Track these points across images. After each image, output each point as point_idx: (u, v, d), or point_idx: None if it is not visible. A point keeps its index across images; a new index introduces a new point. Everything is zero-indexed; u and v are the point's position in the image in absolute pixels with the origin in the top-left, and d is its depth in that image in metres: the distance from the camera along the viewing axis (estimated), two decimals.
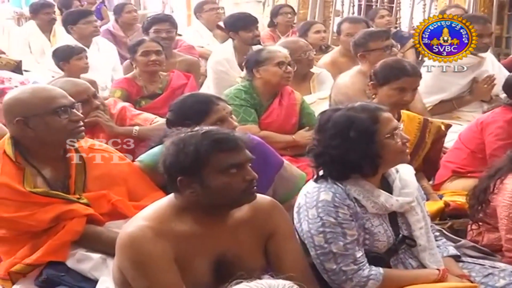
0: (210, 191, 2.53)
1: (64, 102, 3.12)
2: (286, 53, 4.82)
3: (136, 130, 4.37)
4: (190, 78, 5.53)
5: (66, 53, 5.69)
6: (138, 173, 3.35)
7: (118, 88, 5.31)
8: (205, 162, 2.51)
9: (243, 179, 2.55)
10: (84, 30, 6.84)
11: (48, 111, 3.07)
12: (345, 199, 2.81)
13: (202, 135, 2.56)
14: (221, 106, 3.51)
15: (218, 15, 8.11)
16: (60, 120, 3.08)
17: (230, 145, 2.54)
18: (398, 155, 2.88)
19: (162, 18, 6.65)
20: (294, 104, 4.84)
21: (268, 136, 4.56)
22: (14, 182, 3.03)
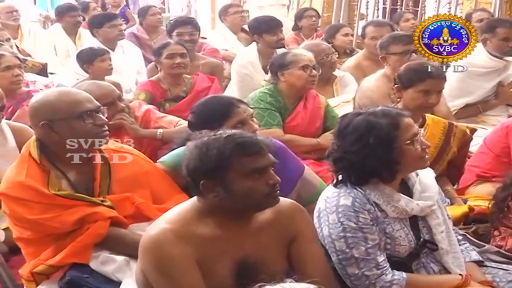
0: (233, 195, 2.53)
1: (89, 106, 3.13)
2: (311, 56, 4.82)
3: (160, 133, 4.39)
4: (214, 81, 5.54)
5: (89, 55, 5.74)
6: (162, 176, 3.36)
7: (143, 90, 5.33)
8: (228, 166, 2.52)
9: (266, 183, 2.55)
10: (109, 33, 6.89)
11: (73, 115, 3.08)
12: (365, 203, 2.81)
13: (225, 138, 2.56)
14: (241, 109, 3.51)
15: (243, 18, 8.13)
16: (85, 125, 3.09)
17: (253, 149, 2.54)
18: (417, 161, 2.87)
19: (184, 21, 6.69)
20: (318, 108, 4.84)
21: (293, 140, 4.57)
22: (39, 184, 3.06)
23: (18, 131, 4.09)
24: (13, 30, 8.26)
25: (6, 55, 5.07)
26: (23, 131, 4.09)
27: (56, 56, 8.08)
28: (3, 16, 8.54)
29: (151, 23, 8.09)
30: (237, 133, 2.62)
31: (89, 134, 3.10)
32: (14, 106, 4.92)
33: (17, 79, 4.98)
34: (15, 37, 8.28)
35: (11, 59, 5.02)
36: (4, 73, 4.91)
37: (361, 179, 2.84)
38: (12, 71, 4.96)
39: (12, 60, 5.01)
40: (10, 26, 8.33)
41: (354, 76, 5.79)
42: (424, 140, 2.89)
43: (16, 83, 4.95)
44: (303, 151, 4.54)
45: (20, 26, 8.58)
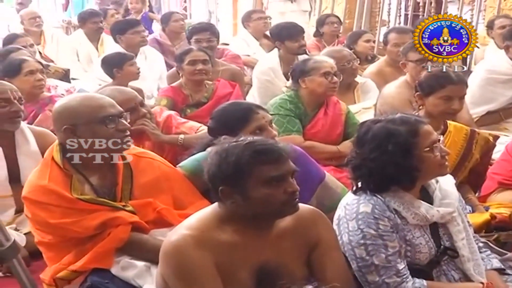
0: (251, 202, 2.54)
1: (112, 111, 3.15)
2: (332, 63, 4.82)
3: (181, 139, 4.40)
4: (235, 87, 5.54)
5: (118, 59, 5.76)
6: (184, 182, 3.37)
7: (164, 96, 5.35)
8: (246, 173, 2.52)
9: (285, 191, 2.54)
10: (132, 40, 6.93)
11: (96, 119, 3.10)
12: (385, 210, 2.80)
13: (244, 145, 2.57)
14: (260, 115, 3.52)
15: (266, 25, 8.10)
16: (107, 129, 3.10)
17: (272, 157, 2.54)
18: (437, 168, 2.86)
19: (203, 27, 6.71)
20: (339, 114, 4.83)
21: (313, 146, 4.56)
22: (61, 188, 3.08)
23: (39, 135, 4.13)
24: (36, 36, 8.31)
25: (28, 60, 5.13)
26: (44, 135, 4.14)
27: (79, 62, 8.14)
28: (27, 22, 8.60)
29: (174, 29, 8.10)
30: (257, 140, 2.62)
31: (111, 139, 3.12)
32: (37, 111, 4.97)
33: (39, 83, 5.04)
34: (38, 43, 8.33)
35: (33, 64, 5.08)
36: (26, 77, 4.97)
37: (381, 186, 2.84)
38: (35, 76, 5.02)
39: (35, 65, 5.07)
40: (33, 32, 8.38)
41: (376, 82, 5.78)
42: (443, 147, 2.89)
43: (38, 87, 5.01)
44: (323, 158, 4.53)
45: (43, 32, 8.62)
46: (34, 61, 5.15)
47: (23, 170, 4.00)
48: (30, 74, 5.01)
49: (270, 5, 10.13)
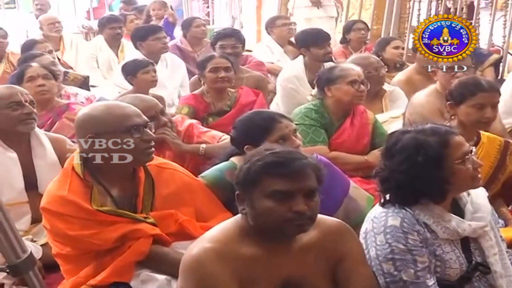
0: (254, 212, 2.54)
1: (138, 121, 3.16)
2: (359, 71, 4.80)
3: (203, 148, 4.40)
4: (259, 95, 5.54)
5: (132, 67, 5.78)
6: (206, 193, 3.38)
7: (186, 104, 5.35)
8: (255, 182, 2.53)
9: (289, 209, 2.50)
10: (153, 46, 6.93)
11: (121, 129, 3.11)
12: (414, 224, 2.79)
13: (264, 155, 2.57)
14: (283, 124, 3.52)
15: (291, 31, 8.09)
16: (134, 141, 3.11)
17: (283, 170, 2.51)
18: (469, 181, 2.84)
19: (228, 33, 6.69)
20: (366, 124, 4.81)
21: (339, 157, 4.55)
22: (81, 199, 3.09)
23: (56, 141, 4.17)
24: (55, 42, 8.37)
25: (32, 66, 5.11)
26: (61, 141, 4.19)
27: (98, 68, 8.17)
28: (46, 28, 8.64)
29: (195, 35, 8.11)
30: (278, 152, 2.59)
31: (136, 149, 3.12)
32: (53, 118, 4.98)
33: (40, 89, 4.97)
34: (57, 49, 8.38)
35: (34, 70, 5.05)
36: (28, 84, 4.93)
37: (410, 199, 2.82)
38: (35, 82, 4.98)
39: (36, 71, 5.03)
40: (52, 37, 8.43)
41: (405, 91, 5.75)
42: (476, 159, 2.86)
43: (40, 93, 4.93)
44: (349, 168, 4.50)
45: (62, 37, 8.67)
46: (38, 67, 5.10)
47: (40, 176, 4.04)
48: (31, 80, 4.99)
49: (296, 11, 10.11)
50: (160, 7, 10.19)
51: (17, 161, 4.03)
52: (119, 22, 8.54)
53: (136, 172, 3.23)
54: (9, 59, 7.51)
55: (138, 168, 3.23)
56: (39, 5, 10.08)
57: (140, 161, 3.19)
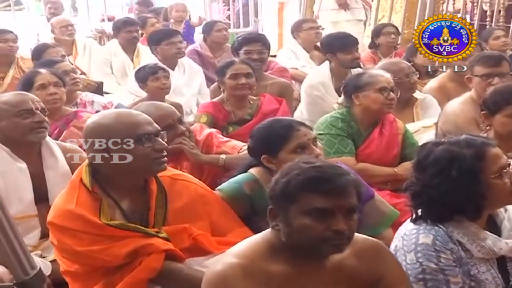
0: (289, 229, 2.51)
1: (149, 129, 3.16)
2: (389, 77, 4.77)
3: (222, 159, 4.38)
4: (282, 102, 5.52)
5: (142, 73, 5.81)
6: (223, 206, 3.38)
7: (204, 113, 5.34)
8: (293, 198, 2.50)
9: (327, 228, 2.48)
10: (167, 51, 6.92)
11: (131, 137, 3.12)
12: (447, 242, 2.76)
13: (305, 168, 2.53)
14: (302, 132, 3.50)
15: (318, 35, 8.06)
16: (143, 148, 3.12)
17: (325, 187, 2.48)
18: (506, 196, 2.81)
19: (253, 38, 6.64)
20: (396, 134, 4.78)
21: (366, 169, 4.53)
22: (90, 213, 3.09)
23: (69, 152, 4.16)
24: (67, 46, 8.39)
25: (42, 72, 5.09)
26: (74, 151, 4.17)
27: (112, 74, 8.20)
28: (58, 31, 8.66)
29: (216, 40, 8.10)
30: (323, 166, 2.56)
31: (146, 159, 3.13)
32: (61, 128, 4.95)
33: (51, 98, 4.96)
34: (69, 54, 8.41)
35: (45, 77, 5.04)
36: (38, 92, 4.90)
37: (443, 215, 2.80)
38: (46, 90, 4.97)
39: (47, 78, 5.03)
40: (65, 41, 8.46)
41: (437, 99, 5.72)
42: None
43: (51, 102, 4.92)
44: (378, 181, 4.49)
45: (75, 41, 8.70)
46: (48, 73, 5.09)
47: (51, 188, 4.04)
48: (41, 88, 4.97)
49: (321, 14, 10.12)
50: (183, 8, 10.23)
51: (26, 172, 4.04)
52: (135, 26, 8.55)
53: (147, 184, 3.23)
54: (19, 64, 7.51)
55: (149, 180, 3.23)
56: (52, 8, 10.14)
57: (151, 171, 3.20)
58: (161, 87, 5.75)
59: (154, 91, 5.71)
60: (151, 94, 5.68)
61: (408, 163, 4.50)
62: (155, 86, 5.73)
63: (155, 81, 5.74)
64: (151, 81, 5.73)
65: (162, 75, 5.79)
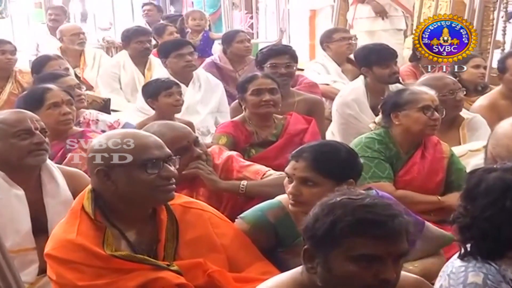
0: (330, 275, 2.49)
1: (157, 153, 3.17)
2: (433, 95, 4.75)
3: (243, 186, 4.35)
4: (311, 122, 5.50)
5: (153, 88, 5.79)
6: (241, 238, 3.38)
7: (224, 133, 5.33)
8: (337, 241, 2.47)
9: (375, 276, 2.45)
10: (175, 64, 6.87)
11: (135, 162, 3.12)
12: (500, 282, 2.73)
13: (354, 207, 2.50)
14: None
15: (350, 46, 8.02)
16: (147, 175, 3.12)
17: (376, 232, 2.45)
18: None
19: (281, 49, 6.60)
20: (440, 158, 4.77)
21: (407, 196, 4.52)
22: (92, 244, 3.10)
23: (72, 177, 4.13)
24: (75, 57, 8.44)
25: (53, 89, 5.07)
26: (78, 177, 4.14)
27: (121, 90, 8.17)
28: (67, 40, 8.70)
29: (237, 52, 8.10)
30: (369, 206, 2.51)
31: (150, 186, 3.13)
32: (65, 150, 4.94)
33: (65, 118, 4.97)
34: (76, 65, 8.45)
35: (58, 94, 5.02)
36: (50, 111, 4.92)
37: (495, 251, 2.77)
38: (60, 109, 4.96)
39: (60, 95, 5.01)
40: (73, 51, 8.51)
41: (487, 118, 5.69)
42: None
43: (64, 123, 4.95)
44: (420, 210, 4.45)
45: (83, 52, 8.75)
46: (60, 91, 5.08)
47: (51, 218, 4.01)
48: (54, 107, 4.95)
49: (356, 23, 10.10)
50: (200, 16, 10.18)
51: (24, 199, 4.04)
52: (147, 35, 8.49)
53: (157, 212, 3.23)
54: (17, 78, 7.55)
55: (159, 208, 3.23)
56: (53, 15, 10.19)
57: (156, 200, 3.20)
58: (174, 104, 5.73)
59: (165, 109, 5.70)
60: (161, 112, 5.67)
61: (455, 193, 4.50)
62: (168, 103, 5.71)
63: (168, 97, 5.72)
64: (164, 97, 5.71)
65: (175, 90, 5.78)
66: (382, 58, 6.34)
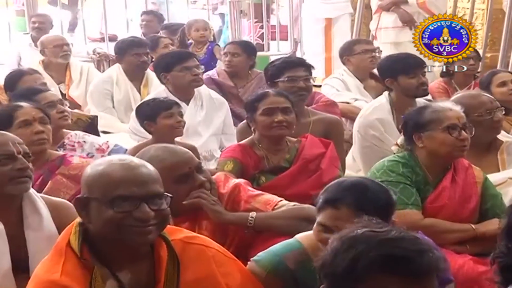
0: None
1: (132, 190, 3.10)
2: (459, 111, 4.71)
3: (252, 218, 4.34)
4: (329, 146, 5.48)
5: (151, 108, 5.80)
6: (249, 279, 3.37)
7: (230, 158, 5.33)
8: (359, 280, 2.45)
9: None
10: (180, 79, 6.83)
11: (105, 198, 3.09)
12: None
13: (378, 241, 2.50)
14: None
15: (373, 60, 8.01)
16: (113, 213, 3.08)
17: (403, 270, 2.45)
18: None
19: (298, 61, 6.62)
20: (473, 183, 4.75)
21: (437, 225, 4.54)
22: (78, 285, 3.07)
23: (57, 208, 4.11)
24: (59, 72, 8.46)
25: (23, 107, 5.08)
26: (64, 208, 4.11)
27: (114, 108, 8.18)
28: (49, 52, 8.72)
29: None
30: (396, 240, 2.51)
31: (119, 227, 3.08)
32: (44, 177, 4.93)
33: (38, 137, 4.97)
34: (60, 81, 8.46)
35: (29, 112, 5.04)
36: (20, 130, 4.90)
37: None
38: (31, 128, 4.98)
39: (31, 113, 5.03)
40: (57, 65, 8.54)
41: None
42: None
43: (37, 143, 4.93)
44: (452, 241, 4.52)
45: (69, 66, 8.77)
46: (31, 108, 5.09)
47: (33, 255, 4.00)
48: (25, 125, 4.97)
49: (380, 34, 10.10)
50: (205, 26, 10.12)
51: (3, 233, 4.03)
52: (144, 47, 8.46)
53: (155, 249, 3.22)
54: None
55: (158, 244, 3.21)
56: (36, 23, 10.22)
57: (129, 242, 3.13)
58: (175, 126, 5.76)
59: (165, 132, 5.72)
60: (159, 135, 5.69)
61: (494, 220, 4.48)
62: (168, 125, 5.73)
63: (168, 118, 5.74)
64: (163, 119, 5.73)
65: (176, 111, 5.80)
66: (408, 66, 6.33)
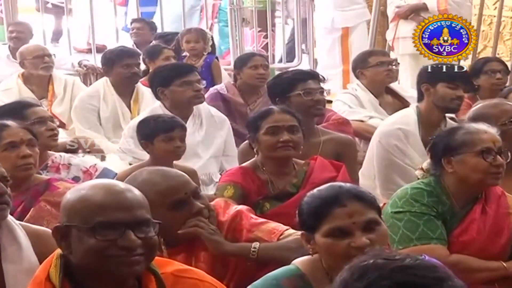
0: None
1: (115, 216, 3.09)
2: (495, 134, 4.70)
3: (255, 249, 4.34)
4: (341, 168, 5.48)
5: (151, 128, 5.82)
6: None
7: (230, 183, 5.33)
8: None
9: None
10: (180, 94, 6.82)
11: (86, 225, 3.09)
12: None
13: (389, 270, 2.50)
14: (347, 210, 3.51)
15: (390, 73, 8.03)
16: (96, 241, 3.08)
17: None
18: None
19: (311, 73, 6.61)
20: (506, 214, 4.75)
21: (464, 262, 4.53)
22: None
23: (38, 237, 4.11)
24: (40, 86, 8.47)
25: (10, 126, 5.07)
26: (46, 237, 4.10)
27: (100, 126, 8.17)
28: (28, 64, 8.73)
29: (250, 80, 8.13)
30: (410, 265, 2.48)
31: (103, 256, 3.08)
32: (26, 203, 4.93)
33: (24, 162, 4.97)
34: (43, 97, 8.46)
35: (17, 132, 5.03)
36: (6, 153, 4.94)
37: None
38: (18, 151, 4.97)
39: (19, 134, 5.02)
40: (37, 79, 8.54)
41: None
42: None
43: (23, 168, 4.96)
44: (480, 279, 4.53)
45: (52, 79, 8.79)
46: (19, 128, 5.09)
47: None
48: (11, 148, 4.97)
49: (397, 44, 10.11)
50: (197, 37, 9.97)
51: None
52: (135, 58, 8.43)
53: (143, 283, 3.20)
54: None
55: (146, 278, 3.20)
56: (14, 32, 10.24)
57: (115, 273, 3.13)
58: (174, 151, 5.78)
59: (162, 155, 5.74)
60: (156, 158, 5.72)
61: None
62: (165, 150, 5.75)
63: (167, 142, 5.75)
64: (161, 141, 5.75)
65: (178, 135, 5.80)
66: (453, 76, 6.32)
